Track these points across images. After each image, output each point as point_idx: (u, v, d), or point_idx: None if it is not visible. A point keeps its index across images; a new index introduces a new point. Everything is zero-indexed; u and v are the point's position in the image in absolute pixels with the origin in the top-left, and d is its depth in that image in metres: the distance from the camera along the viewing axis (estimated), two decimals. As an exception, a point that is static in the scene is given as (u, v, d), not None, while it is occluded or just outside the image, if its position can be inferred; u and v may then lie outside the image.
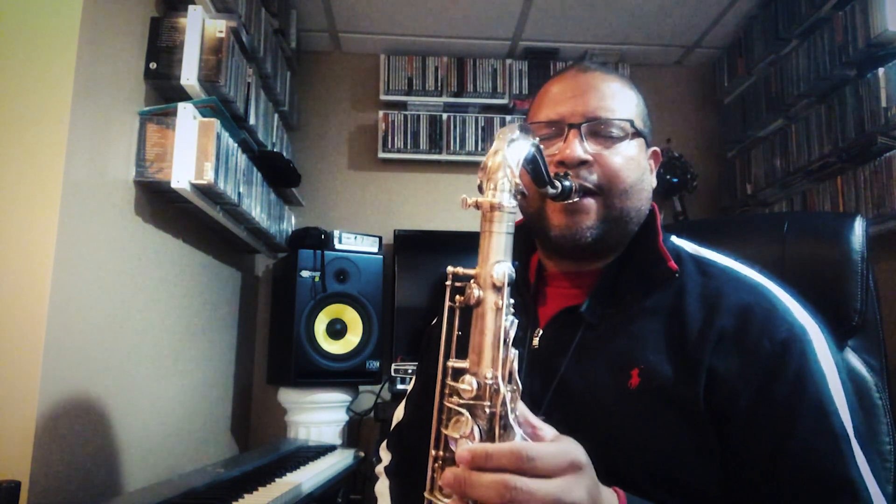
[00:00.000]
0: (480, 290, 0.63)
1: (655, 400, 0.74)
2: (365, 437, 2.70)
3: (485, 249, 0.64)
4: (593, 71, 0.89)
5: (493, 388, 0.61)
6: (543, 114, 0.88)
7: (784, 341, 0.74)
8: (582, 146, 0.82)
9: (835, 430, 0.70)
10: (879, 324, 0.97)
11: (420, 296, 2.70)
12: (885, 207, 1.99)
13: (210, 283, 2.21)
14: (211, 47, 1.75)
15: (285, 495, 1.37)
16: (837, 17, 2.19)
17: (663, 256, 0.83)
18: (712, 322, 0.76)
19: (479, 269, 0.64)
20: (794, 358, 0.73)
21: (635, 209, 0.85)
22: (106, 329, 1.51)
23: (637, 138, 0.86)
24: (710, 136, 3.13)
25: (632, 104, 0.87)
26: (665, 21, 2.79)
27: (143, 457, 1.70)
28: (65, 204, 1.31)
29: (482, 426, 0.61)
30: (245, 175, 2.00)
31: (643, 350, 0.77)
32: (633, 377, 0.76)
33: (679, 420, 0.73)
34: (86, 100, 1.39)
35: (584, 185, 0.81)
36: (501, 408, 0.60)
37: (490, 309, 0.63)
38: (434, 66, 2.98)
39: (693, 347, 0.75)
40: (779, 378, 0.72)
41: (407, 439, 1.01)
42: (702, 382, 0.73)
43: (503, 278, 0.62)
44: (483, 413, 0.61)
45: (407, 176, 3.02)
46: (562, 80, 0.89)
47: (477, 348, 0.62)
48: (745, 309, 0.76)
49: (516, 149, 0.67)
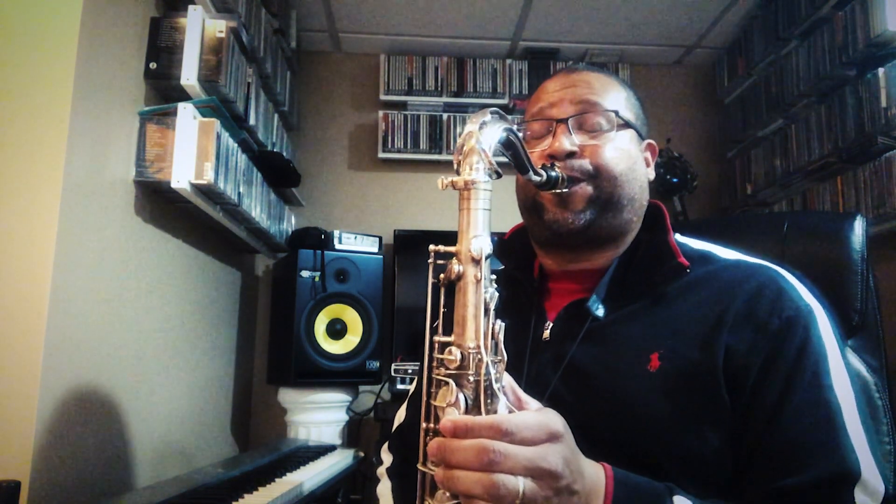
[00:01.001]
0: (461, 265, 0.65)
1: (677, 381, 0.76)
2: (365, 437, 2.70)
3: (463, 226, 0.66)
4: (581, 70, 0.92)
5: (476, 357, 0.63)
6: (533, 112, 0.91)
7: (789, 318, 0.77)
8: (569, 139, 0.85)
9: (827, 402, 0.73)
10: (879, 324, 0.97)
11: (420, 296, 2.69)
12: (885, 207, 1.99)
13: (210, 283, 2.21)
14: (211, 47, 1.75)
15: (285, 495, 1.37)
16: (837, 17, 2.19)
17: (673, 252, 0.85)
18: (728, 307, 0.79)
19: (459, 245, 0.66)
20: (798, 334, 0.76)
21: (627, 197, 0.86)
22: (106, 329, 1.51)
23: (625, 129, 0.88)
24: (710, 136, 3.13)
25: (620, 97, 0.90)
26: (665, 21, 2.79)
27: (144, 457, 1.70)
28: (65, 204, 1.31)
29: (468, 395, 0.62)
30: (245, 175, 2.00)
31: (661, 336, 0.80)
32: (652, 360, 0.78)
33: (701, 398, 0.76)
34: (86, 100, 1.39)
35: (574, 175, 0.84)
36: (485, 376, 0.62)
37: (470, 282, 0.64)
38: (434, 66, 2.98)
39: (711, 330, 0.78)
40: (782, 352, 0.75)
41: (408, 440, 1.00)
42: (720, 359, 0.76)
43: (481, 251, 0.64)
44: (468, 382, 0.63)
45: (407, 176, 3.02)
46: (552, 80, 0.92)
47: (461, 321, 0.64)
48: (757, 291, 0.80)
49: (489, 131, 0.68)
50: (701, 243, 0.90)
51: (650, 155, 0.94)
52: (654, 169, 0.94)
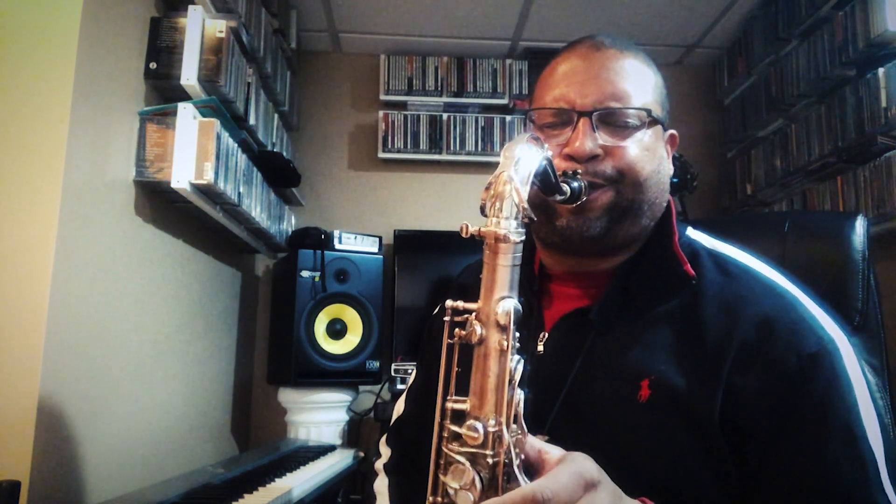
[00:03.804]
0: (483, 328, 0.58)
1: (666, 413, 0.69)
2: (365, 437, 2.70)
3: (488, 283, 0.59)
4: (607, 48, 0.78)
5: (496, 435, 0.57)
6: (550, 97, 0.79)
7: (813, 356, 0.67)
8: (593, 138, 0.74)
9: (863, 455, 0.65)
10: (880, 324, 0.97)
11: (420, 296, 2.70)
12: (886, 207, 1.99)
13: (210, 283, 2.21)
14: (211, 47, 1.75)
15: (285, 495, 1.37)
16: (837, 17, 2.19)
17: (679, 259, 0.76)
18: (732, 332, 0.70)
19: (482, 303, 0.59)
20: (824, 374, 0.67)
21: (649, 202, 0.77)
22: (106, 329, 1.50)
23: (654, 126, 0.78)
24: (710, 136, 3.13)
25: (649, 86, 0.79)
26: (665, 21, 2.79)
27: (144, 457, 1.69)
28: (65, 204, 1.31)
29: (484, 476, 0.56)
30: (245, 175, 2.00)
31: (654, 359, 0.71)
32: (642, 388, 0.70)
33: (690, 435, 0.68)
34: (86, 100, 1.39)
35: (595, 181, 0.74)
36: (506, 456, 0.56)
37: (494, 349, 0.58)
38: (434, 66, 2.98)
39: (710, 359, 0.69)
40: (806, 397, 0.66)
41: (407, 435, 0.99)
42: (718, 397, 0.67)
43: (509, 317, 0.57)
44: (485, 462, 0.56)
45: (407, 176, 3.02)
46: (571, 58, 0.79)
47: (479, 390, 0.58)
48: (769, 319, 0.70)
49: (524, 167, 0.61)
50: (714, 242, 0.82)
51: (671, 147, 0.84)
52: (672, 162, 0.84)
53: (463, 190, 2.97)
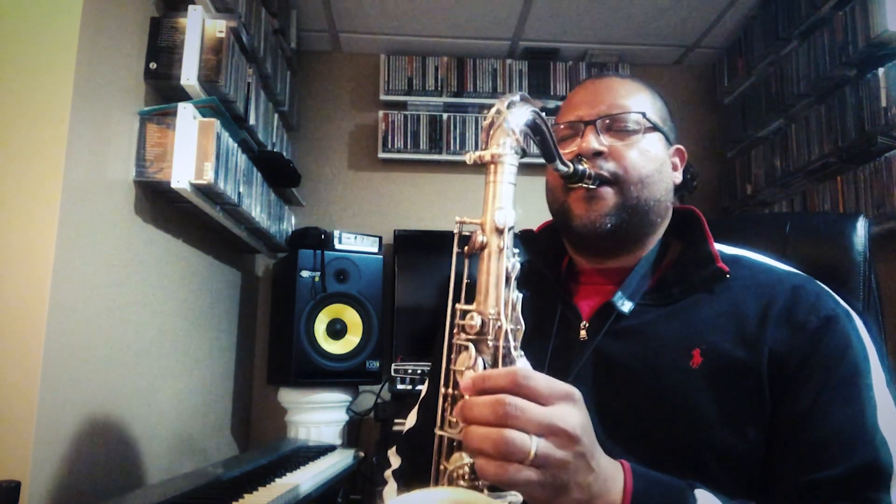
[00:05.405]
0: (484, 236, 0.67)
1: (719, 377, 0.77)
2: (365, 437, 2.70)
3: (488, 198, 0.68)
4: (608, 76, 0.97)
5: (495, 322, 0.65)
6: (564, 118, 0.93)
7: (828, 318, 0.78)
8: (597, 139, 0.87)
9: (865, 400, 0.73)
10: (881, 324, 0.97)
11: (420, 296, 2.70)
12: (886, 207, 1.99)
13: (210, 283, 2.21)
14: (211, 47, 1.75)
15: (285, 495, 1.37)
16: (837, 17, 2.19)
17: (713, 256, 0.87)
18: (770, 304, 0.80)
19: (483, 216, 0.68)
20: (837, 332, 0.77)
21: (654, 199, 0.88)
22: (106, 329, 1.50)
23: (653, 132, 0.90)
24: (710, 136, 3.13)
25: (646, 101, 0.91)
26: (665, 21, 2.79)
27: (144, 456, 1.69)
28: (65, 204, 1.31)
29: (486, 360, 0.64)
30: (245, 175, 2.00)
31: (701, 331, 0.81)
32: (694, 357, 0.79)
33: (743, 395, 0.77)
34: (86, 100, 1.39)
35: (601, 174, 0.85)
36: (504, 342, 0.64)
37: (493, 251, 0.67)
38: (434, 66, 2.98)
39: (753, 326, 0.79)
40: (819, 348, 0.76)
41: (418, 443, 0.99)
42: (766, 357, 0.77)
43: (504, 222, 0.67)
44: (487, 347, 0.65)
45: (407, 176, 3.02)
46: (581, 89, 0.95)
47: (482, 289, 0.67)
48: (796, 288, 0.82)
49: (517, 111, 0.70)
50: (732, 248, 0.92)
51: (679, 160, 0.96)
52: (681, 173, 0.96)
53: (463, 190, 2.97)
